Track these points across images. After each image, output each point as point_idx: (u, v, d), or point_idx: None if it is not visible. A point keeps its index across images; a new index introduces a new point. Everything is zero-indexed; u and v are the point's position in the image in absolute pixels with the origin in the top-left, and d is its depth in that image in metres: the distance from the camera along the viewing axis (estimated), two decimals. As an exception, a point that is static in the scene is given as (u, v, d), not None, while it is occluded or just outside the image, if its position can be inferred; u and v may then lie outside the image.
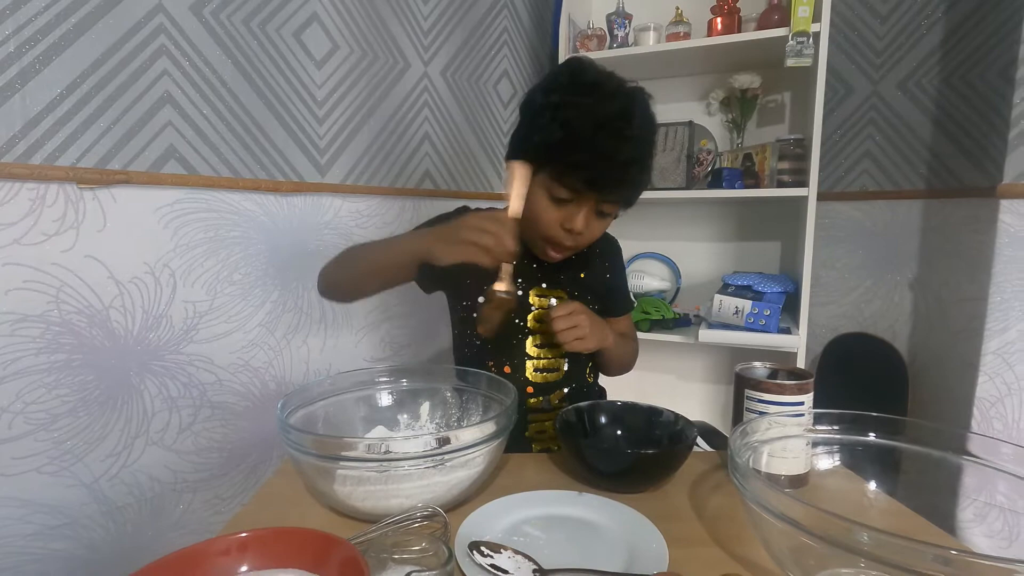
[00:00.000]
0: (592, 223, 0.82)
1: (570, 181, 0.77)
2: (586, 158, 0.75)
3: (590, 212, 0.80)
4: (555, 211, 0.80)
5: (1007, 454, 0.55)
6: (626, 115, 0.76)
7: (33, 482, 0.86)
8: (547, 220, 0.81)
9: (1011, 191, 1.07)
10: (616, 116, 0.75)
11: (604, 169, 0.75)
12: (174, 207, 1.00)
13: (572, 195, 0.78)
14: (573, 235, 0.81)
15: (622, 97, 0.77)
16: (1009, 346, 1.10)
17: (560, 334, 0.82)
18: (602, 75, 0.79)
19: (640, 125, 0.77)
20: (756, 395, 0.69)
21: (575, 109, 0.75)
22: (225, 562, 0.44)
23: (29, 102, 0.82)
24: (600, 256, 1.00)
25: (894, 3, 1.52)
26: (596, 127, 0.74)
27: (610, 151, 0.74)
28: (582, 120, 0.74)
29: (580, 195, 0.78)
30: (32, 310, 0.85)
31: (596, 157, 0.74)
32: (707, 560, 0.54)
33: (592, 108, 0.75)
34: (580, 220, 0.79)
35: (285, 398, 0.67)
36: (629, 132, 0.75)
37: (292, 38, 1.15)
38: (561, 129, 0.75)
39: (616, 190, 0.79)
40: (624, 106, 0.76)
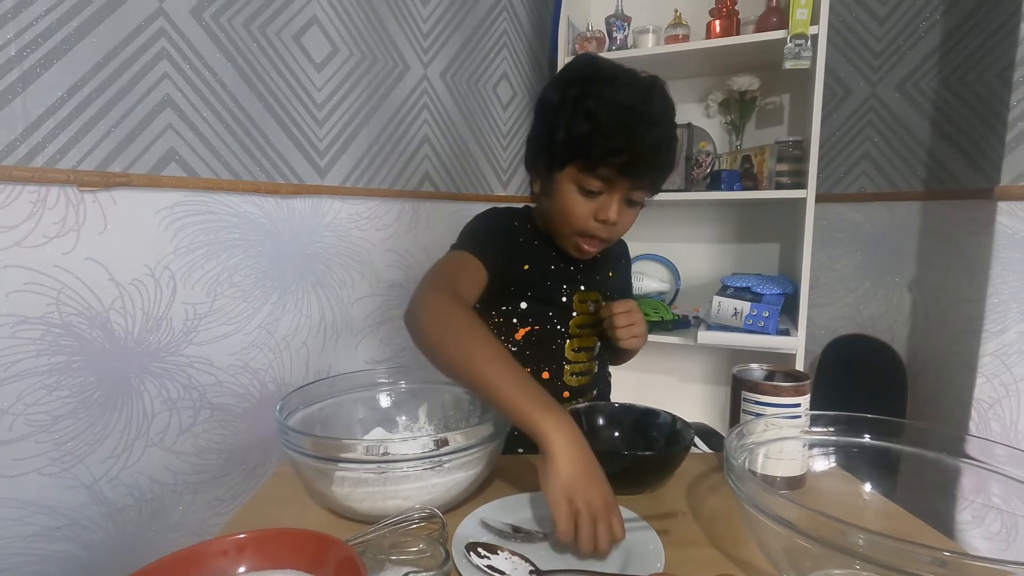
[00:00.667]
0: (624, 212, 0.82)
1: (603, 170, 0.77)
2: (617, 144, 0.75)
3: (621, 201, 0.80)
4: (587, 204, 0.80)
5: (1001, 456, 0.55)
6: (649, 99, 0.77)
7: (33, 483, 0.87)
8: (580, 214, 0.81)
9: (1008, 193, 1.07)
10: (641, 101, 0.76)
11: (636, 154, 0.75)
12: (174, 209, 1.00)
13: (603, 185, 0.78)
14: (607, 226, 0.81)
15: (642, 84, 0.78)
16: (1007, 348, 1.10)
17: (620, 330, 0.84)
18: (617, 67, 0.81)
19: (663, 109, 0.78)
20: (753, 397, 0.70)
21: (598, 99, 0.75)
22: (223, 563, 0.45)
23: (30, 105, 0.83)
24: (615, 255, 1.01)
25: (892, 5, 1.52)
26: (624, 113, 0.75)
27: (640, 135, 0.74)
28: (608, 108, 0.75)
29: (611, 184, 0.78)
30: (33, 312, 0.85)
31: (627, 142, 0.74)
32: (703, 561, 0.54)
33: (616, 96, 0.75)
34: (613, 209, 0.79)
35: (284, 400, 0.68)
36: (655, 116, 0.76)
37: (292, 41, 1.15)
38: (587, 120, 0.75)
39: (648, 174, 0.79)
40: (646, 91, 0.77)
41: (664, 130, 0.78)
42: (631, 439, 0.77)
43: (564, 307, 0.90)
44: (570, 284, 0.90)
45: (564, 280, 0.90)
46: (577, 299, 0.90)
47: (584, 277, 0.92)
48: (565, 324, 0.90)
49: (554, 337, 0.90)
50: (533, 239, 0.89)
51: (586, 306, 0.91)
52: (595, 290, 0.92)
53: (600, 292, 0.93)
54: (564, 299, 0.89)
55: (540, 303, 0.88)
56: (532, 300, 0.88)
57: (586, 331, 0.91)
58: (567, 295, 0.89)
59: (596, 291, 0.93)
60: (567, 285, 0.90)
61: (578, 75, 0.80)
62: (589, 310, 0.91)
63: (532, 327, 0.89)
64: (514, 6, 1.73)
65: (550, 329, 0.89)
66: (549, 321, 0.89)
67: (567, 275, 0.90)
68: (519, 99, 1.80)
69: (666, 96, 0.80)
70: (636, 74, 0.80)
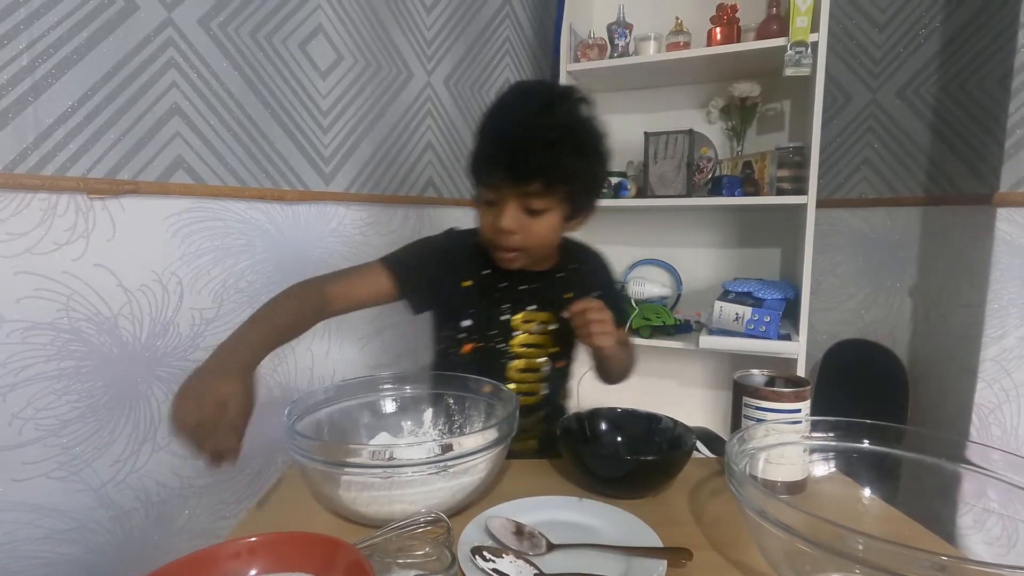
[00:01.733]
0: (523, 222, 0.80)
1: (487, 177, 0.79)
2: (492, 148, 0.78)
3: (516, 210, 0.79)
4: (489, 215, 0.82)
5: (998, 460, 0.56)
6: (541, 111, 0.76)
7: (42, 487, 0.88)
8: (485, 225, 0.83)
9: (1007, 199, 1.08)
10: (519, 105, 0.78)
11: (506, 158, 0.76)
12: (181, 216, 1.01)
13: (495, 194, 0.80)
14: (505, 235, 0.80)
15: (542, 95, 0.80)
16: (1007, 353, 1.11)
17: (592, 325, 0.81)
18: (530, 86, 0.84)
19: (556, 116, 0.77)
20: (754, 402, 0.70)
21: (490, 115, 0.80)
22: (235, 565, 0.45)
23: (41, 114, 0.84)
24: (588, 274, 0.98)
25: (892, 12, 1.54)
26: (503, 122, 0.78)
27: (512, 137, 0.76)
28: (492, 121, 0.79)
29: (501, 192, 0.79)
30: (43, 318, 0.86)
31: (500, 145, 0.77)
32: (705, 565, 0.54)
33: (504, 108, 0.79)
34: (505, 217, 0.79)
35: (291, 404, 0.69)
36: (535, 122, 0.75)
37: (297, 49, 1.17)
38: (479, 136, 0.80)
39: (527, 178, 0.76)
40: (541, 103, 0.77)
41: (544, 135, 0.75)
42: (633, 444, 0.78)
43: (504, 326, 0.89)
44: (515, 303, 0.89)
45: (509, 299, 0.89)
46: (521, 319, 0.89)
47: (536, 298, 0.90)
48: (507, 343, 0.89)
49: (497, 356, 0.89)
50: (480, 256, 0.88)
51: (530, 326, 0.90)
52: (549, 311, 0.91)
53: (554, 313, 0.91)
54: (504, 318, 0.88)
55: (482, 320, 0.89)
56: (474, 317, 0.89)
57: (533, 351, 0.90)
58: (508, 314, 0.89)
59: (549, 312, 0.91)
60: (510, 304, 0.89)
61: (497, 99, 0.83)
62: (534, 330, 0.90)
63: (476, 344, 0.89)
64: (517, 13, 1.75)
65: (492, 348, 0.89)
66: (492, 339, 0.89)
67: (514, 295, 0.89)
68: (521, 105, 1.81)
69: (566, 106, 0.79)
70: (545, 89, 0.82)
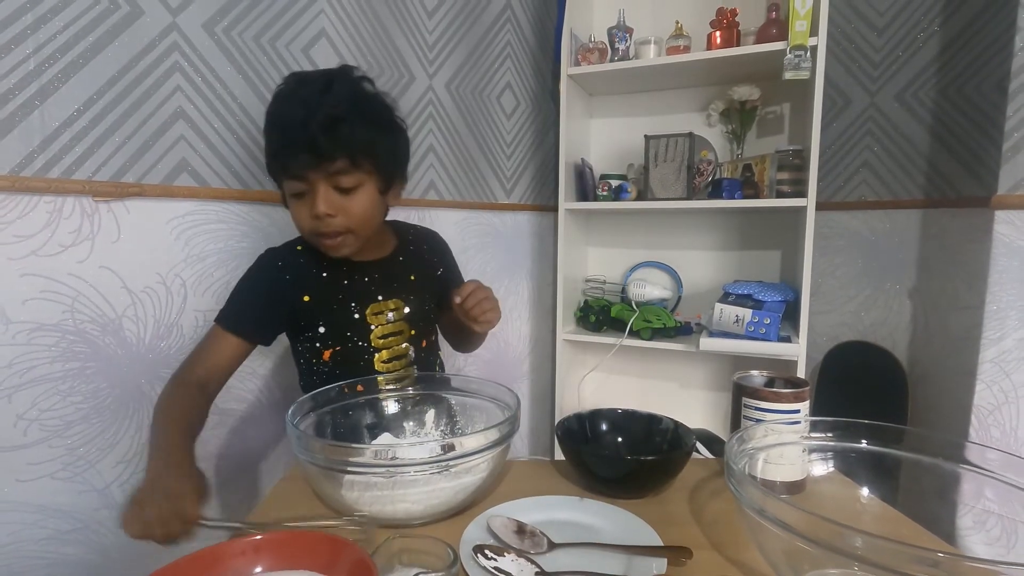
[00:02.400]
0: (339, 201, 0.80)
1: (288, 168, 0.78)
2: (286, 136, 0.77)
3: (328, 192, 0.79)
4: (302, 207, 0.81)
5: (997, 460, 0.56)
6: (320, 90, 0.77)
7: (47, 487, 0.89)
8: (301, 218, 0.82)
9: (1005, 202, 1.08)
10: (310, 94, 0.77)
11: (304, 142, 0.75)
12: (185, 219, 1.02)
13: (301, 184, 0.79)
14: (325, 220, 0.80)
15: (318, 79, 0.79)
16: (1006, 354, 1.11)
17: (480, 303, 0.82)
18: (308, 73, 0.83)
19: (339, 91, 0.78)
20: (753, 403, 0.71)
21: (275, 103, 0.80)
22: (241, 563, 0.46)
23: (47, 118, 0.85)
24: (428, 252, 1.01)
25: (890, 17, 1.55)
26: (291, 107, 0.77)
27: (302, 121, 0.75)
28: (279, 108, 0.79)
29: (306, 179, 0.78)
30: (48, 319, 0.87)
31: (292, 130, 0.76)
32: (704, 564, 0.55)
33: (288, 95, 0.79)
34: (320, 202, 0.78)
35: (295, 406, 0.69)
36: (321, 100, 0.76)
37: (301, 54, 1.18)
38: (269, 127, 0.80)
39: (330, 156, 0.76)
40: (320, 85, 0.78)
41: (331, 111, 0.75)
42: (634, 444, 0.79)
43: (359, 323, 0.89)
44: (361, 299, 0.90)
45: (354, 298, 0.89)
46: (370, 312, 0.90)
47: (379, 288, 0.91)
48: (366, 339, 0.90)
49: (360, 354, 0.90)
50: (311, 266, 0.89)
51: (383, 317, 0.91)
52: (395, 298, 0.92)
53: (402, 298, 0.93)
54: (357, 316, 0.89)
55: (335, 325, 0.89)
56: (327, 324, 0.89)
57: (393, 339, 0.92)
58: (359, 311, 0.89)
59: (397, 298, 0.92)
60: (356, 302, 0.89)
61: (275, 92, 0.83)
62: (388, 320, 0.91)
63: (335, 348, 0.89)
64: (518, 18, 1.76)
65: (352, 347, 0.89)
66: (349, 340, 0.89)
67: (358, 291, 0.90)
68: (523, 109, 1.82)
69: (347, 81, 0.81)
70: (322, 73, 0.82)
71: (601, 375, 1.95)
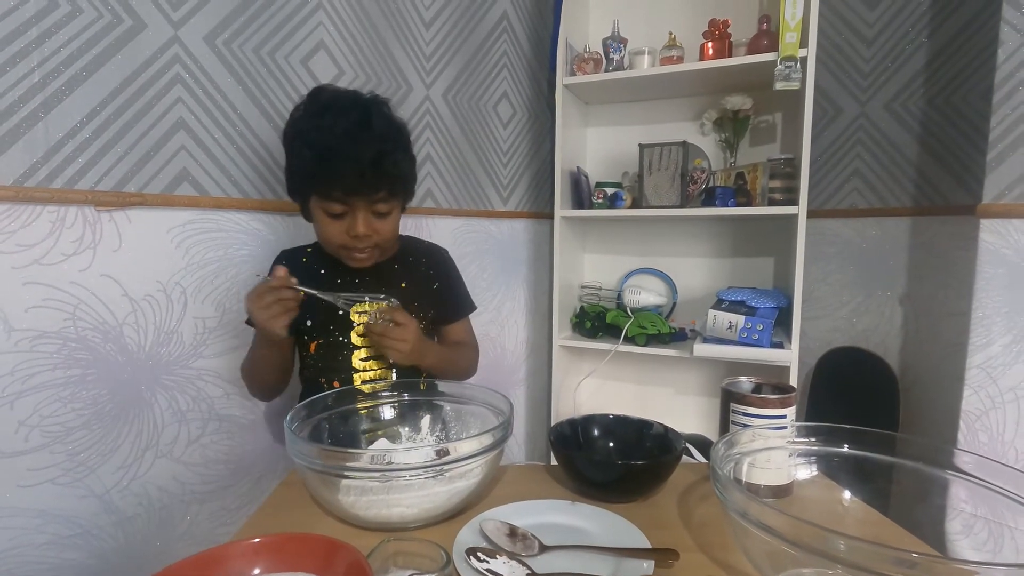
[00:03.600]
0: (374, 224, 0.89)
1: (336, 195, 0.85)
2: (336, 169, 0.82)
3: (367, 216, 0.88)
4: (337, 225, 0.88)
5: (978, 465, 0.58)
6: (363, 122, 0.83)
7: (48, 493, 0.90)
8: (334, 234, 0.89)
9: (990, 211, 1.11)
10: (352, 125, 0.83)
11: (355, 174, 0.82)
12: (186, 227, 1.04)
13: (344, 207, 0.86)
14: (362, 239, 0.88)
15: (355, 108, 0.85)
16: (992, 360, 1.13)
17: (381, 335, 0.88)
18: (338, 94, 0.88)
19: (379, 126, 0.85)
20: (741, 408, 0.73)
21: (316, 130, 0.83)
22: (240, 565, 0.48)
23: (52, 129, 0.87)
24: (425, 265, 1.06)
25: (879, 28, 1.57)
26: (337, 139, 0.82)
27: (355, 157, 0.81)
28: (323, 137, 0.82)
29: (350, 204, 0.86)
30: (50, 327, 0.89)
31: (343, 165, 0.82)
32: (691, 566, 0.57)
33: (330, 125, 0.82)
34: (360, 226, 0.87)
35: (293, 411, 0.71)
36: (368, 135, 0.83)
37: (300, 65, 1.20)
38: (310, 151, 0.83)
39: (376, 189, 0.86)
40: (359, 115, 0.84)
41: (379, 145, 0.84)
42: (625, 449, 0.80)
43: (342, 319, 0.96)
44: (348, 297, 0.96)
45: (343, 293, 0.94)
46: (354, 310, 0.96)
47: (367, 290, 0.98)
48: (347, 335, 0.96)
49: (340, 348, 0.97)
50: (312, 265, 0.99)
51: (366, 316, 0.96)
52: (381, 301, 0.96)
53: (389, 304, 0.96)
54: (342, 312, 0.95)
55: (321, 318, 0.96)
56: (313, 317, 0.96)
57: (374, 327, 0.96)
58: (344, 308, 0.94)
59: (383, 302, 0.96)
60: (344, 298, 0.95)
61: (301, 112, 0.88)
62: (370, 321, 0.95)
63: (319, 340, 0.98)
64: (514, 28, 1.79)
65: (334, 341, 0.97)
66: (331, 334, 0.97)
67: (347, 289, 0.97)
68: (519, 118, 1.84)
69: (383, 113, 0.88)
70: (354, 98, 0.87)
71: (597, 381, 1.97)
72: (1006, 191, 1.10)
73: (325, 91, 0.90)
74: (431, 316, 1.04)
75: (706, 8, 1.70)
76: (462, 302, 1.12)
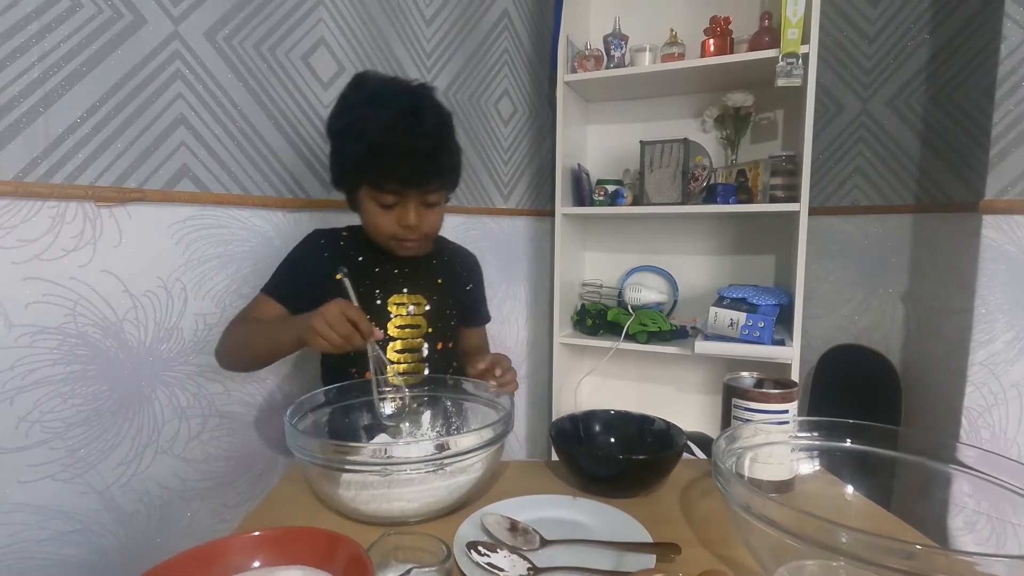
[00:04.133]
0: (424, 215, 0.89)
1: (389, 186, 0.84)
2: (392, 161, 0.81)
3: (418, 207, 0.88)
4: (388, 215, 0.88)
5: (980, 458, 0.58)
6: (415, 112, 0.82)
7: (48, 489, 0.90)
8: (384, 224, 0.89)
9: (992, 207, 1.10)
10: (405, 116, 0.82)
11: (410, 166, 0.82)
12: (186, 223, 1.04)
13: (396, 198, 0.86)
14: (413, 229, 0.89)
15: (406, 97, 0.84)
16: (995, 357, 1.13)
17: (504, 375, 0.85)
18: (385, 82, 0.87)
19: (431, 117, 0.84)
20: (743, 403, 0.72)
21: (367, 121, 0.82)
22: (240, 558, 0.47)
23: (52, 124, 0.87)
24: (460, 266, 1.07)
25: (881, 25, 1.57)
26: (390, 131, 0.80)
27: (410, 149, 0.81)
28: (376, 129, 0.81)
29: (403, 195, 0.86)
30: (50, 322, 0.89)
31: (400, 157, 0.81)
32: (693, 560, 0.56)
33: (381, 116, 0.81)
34: (411, 216, 0.87)
35: (294, 406, 0.71)
36: (421, 127, 0.82)
37: (300, 61, 1.20)
38: (362, 143, 0.82)
39: (429, 180, 0.86)
40: (410, 105, 0.83)
41: (433, 137, 0.84)
42: (626, 444, 0.80)
43: (380, 310, 0.95)
44: (386, 287, 0.96)
45: (379, 284, 0.96)
46: (393, 302, 0.95)
47: (406, 282, 0.98)
48: (383, 326, 0.95)
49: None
50: (350, 250, 0.97)
51: (403, 308, 0.96)
52: (419, 294, 0.98)
53: (425, 296, 0.98)
54: (379, 302, 0.95)
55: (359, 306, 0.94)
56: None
57: (409, 332, 0.96)
58: (382, 298, 0.95)
59: (420, 295, 0.98)
60: (381, 289, 0.95)
61: (348, 101, 0.87)
62: (408, 312, 0.96)
63: None
64: (515, 25, 1.78)
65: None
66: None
67: (385, 279, 0.97)
68: (520, 115, 1.84)
69: (433, 103, 0.87)
70: (403, 87, 0.86)
71: (598, 378, 1.96)
72: (1009, 187, 1.10)
73: (370, 78, 0.89)
74: (456, 317, 1.04)
75: (707, 5, 1.70)
76: (485, 309, 1.13)
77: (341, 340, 0.74)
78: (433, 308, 0.98)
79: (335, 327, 0.74)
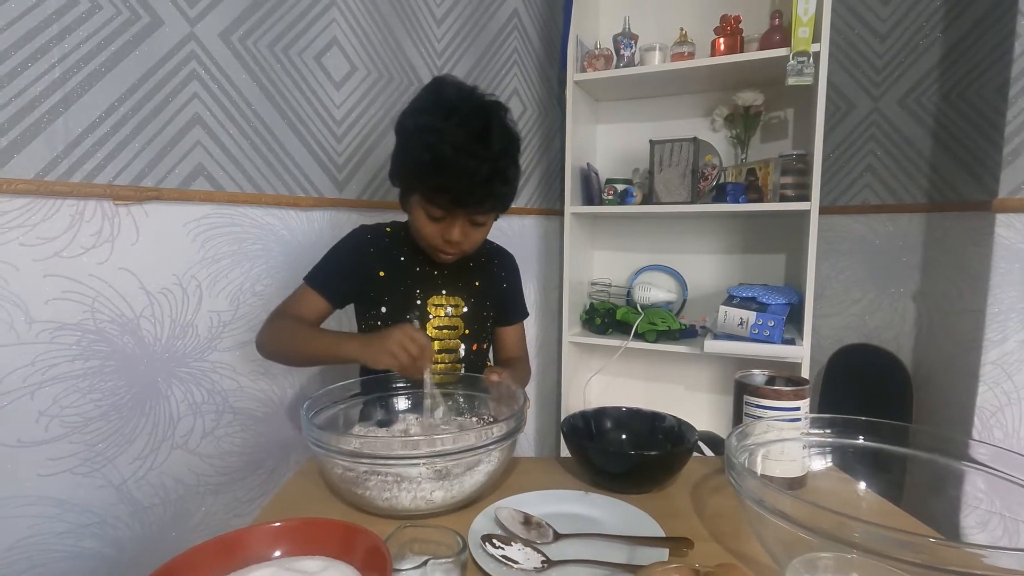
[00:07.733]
0: (469, 232, 0.90)
1: (440, 201, 0.84)
2: (449, 181, 0.81)
3: (464, 225, 0.88)
4: (433, 226, 0.88)
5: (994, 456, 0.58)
6: (483, 135, 0.81)
7: (67, 482, 0.91)
8: (428, 234, 0.89)
9: (1006, 205, 1.10)
10: (473, 138, 0.80)
11: (466, 189, 0.82)
12: (201, 222, 1.05)
13: (444, 213, 0.86)
14: (454, 244, 0.89)
15: (478, 117, 0.83)
16: (1008, 356, 1.12)
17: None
18: (462, 94, 0.86)
19: (497, 141, 0.83)
20: (754, 400, 0.73)
21: (436, 133, 0.81)
22: (260, 548, 0.48)
23: (71, 124, 0.88)
24: (496, 267, 1.07)
25: (893, 23, 1.56)
26: (455, 150, 0.79)
27: (469, 172, 0.80)
28: (442, 144, 0.80)
29: (451, 212, 0.86)
30: (69, 319, 0.90)
31: (457, 179, 0.81)
32: (704, 554, 0.57)
33: (451, 131, 0.80)
34: (456, 233, 0.87)
35: (310, 400, 0.72)
36: (485, 152, 0.81)
37: (313, 61, 1.21)
38: (425, 154, 0.81)
39: (481, 204, 0.86)
40: (481, 126, 0.82)
41: (495, 163, 0.82)
42: (637, 441, 0.80)
43: (420, 309, 0.96)
44: (425, 288, 0.97)
45: (419, 285, 0.96)
46: (432, 302, 0.97)
47: (444, 282, 0.98)
48: (422, 327, 0.96)
49: None
50: (394, 247, 0.97)
51: (442, 310, 0.97)
52: (457, 296, 0.99)
53: (463, 298, 0.99)
54: (419, 302, 0.96)
55: (397, 306, 0.95)
56: (390, 303, 0.96)
57: (447, 333, 0.97)
58: (421, 299, 0.96)
59: (458, 297, 0.99)
60: (421, 289, 0.96)
61: (423, 104, 0.86)
62: (446, 313, 0.97)
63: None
64: (524, 25, 1.79)
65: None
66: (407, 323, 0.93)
67: (425, 279, 0.97)
68: (529, 114, 1.85)
69: (503, 126, 0.85)
70: (477, 105, 0.85)
71: (607, 377, 1.97)
72: (1022, 185, 1.09)
73: (448, 86, 0.87)
74: (493, 317, 1.05)
75: (717, 3, 1.70)
76: (522, 306, 1.13)
77: (409, 361, 0.75)
78: (470, 310, 0.99)
79: (407, 350, 0.76)
